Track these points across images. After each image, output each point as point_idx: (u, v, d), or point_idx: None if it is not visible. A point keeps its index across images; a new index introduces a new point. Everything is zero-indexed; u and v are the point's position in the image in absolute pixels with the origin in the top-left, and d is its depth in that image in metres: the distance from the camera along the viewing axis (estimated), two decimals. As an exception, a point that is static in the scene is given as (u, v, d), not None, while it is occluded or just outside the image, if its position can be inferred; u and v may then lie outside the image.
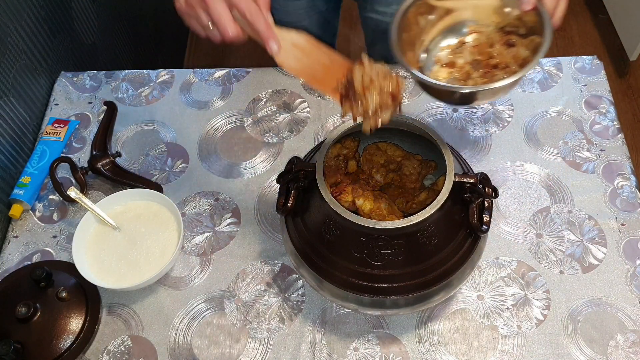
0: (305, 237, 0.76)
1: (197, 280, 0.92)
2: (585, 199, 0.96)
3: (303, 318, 0.88)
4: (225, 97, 1.13)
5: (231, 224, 0.97)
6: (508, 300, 0.87)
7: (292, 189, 0.75)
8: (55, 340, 0.83)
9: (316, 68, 0.69)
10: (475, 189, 0.71)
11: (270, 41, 0.65)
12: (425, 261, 0.72)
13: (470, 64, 0.81)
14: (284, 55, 0.67)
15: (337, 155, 0.85)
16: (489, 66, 0.79)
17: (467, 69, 0.80)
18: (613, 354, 0.82)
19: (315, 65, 0.69)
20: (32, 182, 1.00)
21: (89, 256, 0.89)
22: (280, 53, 0.66)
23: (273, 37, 0.65)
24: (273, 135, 1.07)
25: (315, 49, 0.69)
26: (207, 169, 1.03)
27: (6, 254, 0.95)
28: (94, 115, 1.11)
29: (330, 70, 0.70)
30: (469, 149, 1.03)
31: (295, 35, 0.68)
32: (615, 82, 2.12)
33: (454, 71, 0.81)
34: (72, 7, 1.26)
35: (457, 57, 0.82)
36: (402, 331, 0.86)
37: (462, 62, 0.81)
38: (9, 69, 1.02)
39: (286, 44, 0.67)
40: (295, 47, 0.68)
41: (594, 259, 0.90)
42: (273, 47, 0.65)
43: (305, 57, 0.69)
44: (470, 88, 0.74)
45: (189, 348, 0.86)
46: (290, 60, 0.68)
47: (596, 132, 1.04)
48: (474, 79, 0.79)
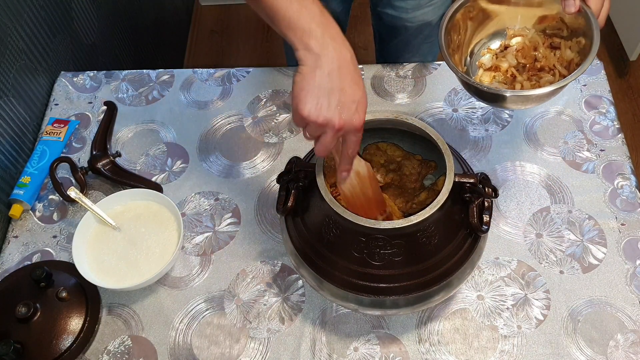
0: (305, 237, 0.75)
1: (197, 280, 0.92)
2: (585, 199, 0.96)
3: (303, 318, 0.88)
4: (225, 97, 1.13)
5: (231, 224, 0.97)
6: (508, 300, 0.87)
7: (292, 189, 0.75)
8: (55, 340, 0.83)
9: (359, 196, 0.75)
10: (475, 189, 0.71)
11: (344, 173, 0.71)
12: (425, 261, 0.72)
13: (515, 67, 0.81)
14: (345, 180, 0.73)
15: (337, 155, 0.85)
16: (535, 69, 0.79)
17: (512, 72, 0.81)
18: (613, 354, 0.82)
19: (360, 195, 0.75)
20: (32, 182, 1.00)
21: (89, 256, 0.89)
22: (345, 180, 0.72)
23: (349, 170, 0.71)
24: (273, 135, 1.07)
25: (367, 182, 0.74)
26: (207, 169, 1.03)
27: (6, 254, 0.95)
28: (94, 115, 1.11)
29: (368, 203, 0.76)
30: (469, 149, 1.03)
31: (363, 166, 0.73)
32: (615, 82, 2.12)
33: (498, 75, 0.82)
34: (72, 7, 1.26)
35: (500, 61, 0.82)
36: (402, 331, 0.86)
37: (506, 66, 0.81)
38: (9, 69, 1.02)
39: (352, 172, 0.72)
40: (357, 175, 0.73)
41: (594, 259, 0.90)
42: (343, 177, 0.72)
43: (358, 185, 0.74)
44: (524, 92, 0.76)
45: (189, 348, 0.86)
46: (346, 186, 0.73)
47: (596, 132, 1.04)
48: (520, 82, 0.79)
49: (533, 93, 0.74)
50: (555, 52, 0.80)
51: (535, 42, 0.81)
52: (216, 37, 2.35)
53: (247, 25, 2.39)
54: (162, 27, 1.90)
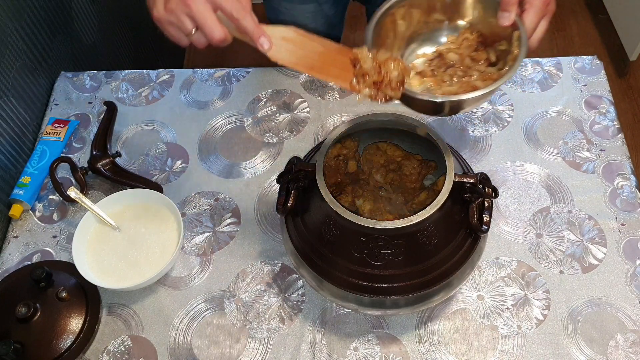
0: (305, 237, 0.76)
1: (197, 280, 0.92)
2: (585, 199, 0.96)
3: (303, 318, 0.88)
4: (225, 97, 1.13)
5: (231, 224, 0.97)
6: (508, 300, 0.87)
7: (292, 189, 0.75)
8: (55, 340, 0.83)
9: (312, 57, 0.69)
10: (475, 189, 0.71)
11: (261, 39, 0.64)
12: (425, 261, 0.72)
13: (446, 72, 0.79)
14: (276, 50, 0.66)
15: (337, 155, 0.85)
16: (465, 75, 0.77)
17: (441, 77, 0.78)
18: (613, 354, 0.82)
19: (310, 54, 0.69)
20: (32, 182, 1.00)
21: (89, 256, 0.89)
22: (272, 49, 0.66)
23: (263, 34, 0.64)
24: (273, 135, 1.07)
25: (306, 40, 0.69)
26: (207, 169, 1.03)
27: (6, 254, 0.95)
28: (94, 115, 1.11)
29: (326, 56, 0.69)
30: (469, 149, 1.03)
31: (283, 29, 0.67)
32: (615, 82, 2.12)
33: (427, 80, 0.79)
34: (72, 7, 1.26)
35: (431, 66, 0.80)
36: (402, 331, 0.86)
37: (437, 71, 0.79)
38: (9, 69, 1.02)
39: (276, 39, 0.66)
40: (286, 40, 0.67)
41: (594, 259, 0.90)
42: (264, 44, 0.65)
43: (298, 48, 0.68)
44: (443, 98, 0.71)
45: (189, 348, 0.86)
46: (284, 54, 0.67)
47: (596, 132, 1.04)
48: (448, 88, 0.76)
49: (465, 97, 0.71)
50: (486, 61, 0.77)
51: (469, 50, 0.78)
52: (216, 37, 2.35)
53: (247, 25, 2.38)
54: (162, 27, 1.90)
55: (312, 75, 0.70)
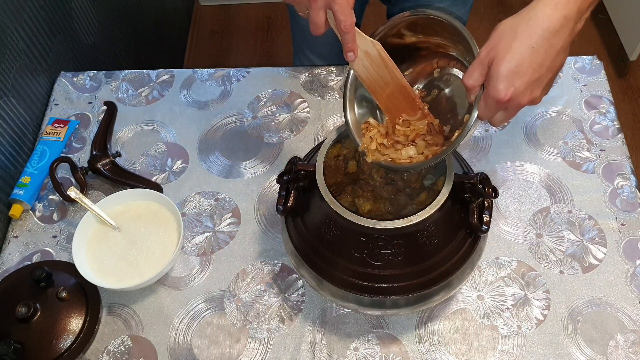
0: (305, 237, 0.76)
1: (197, 280, 0.92)
2: (585, 199, 0.96)
3: (303, 318, 0.88)
4: (225, 97, 1.13)
5: (231, 224, 0.97)
6: (508, 300, 0.87)
7: (292, 189, 0.75)
8: (55, 340, 0.83)
9: (379, 83, 0.74)
10: (475, 189, 0.71)
11: (349, 53, 0.70)
12: (425, 261, 0.72)
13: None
14: (356, 62, 0.72)
15: (337, 155, 0.85)
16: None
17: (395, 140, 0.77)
18: (613, 354, 0.82)
19: (379, 81, 0.74)
20: (32, 182, 1.00)
21: (89, 256, 0.89)
22: (355, 62, 0.71)
23: (354, 50, 0.70)
24: (273, 135, 1.07)
25: (382, 63, 0.73)
26: (207, 169, 1.03)
27: (6, 254, 0.95)
28: (94, 115, 1.11)
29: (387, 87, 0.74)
30: (469, 149, 1.03)
31: (370, 43, 0.71)
32: (615, 82, 2.12)
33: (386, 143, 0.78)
34: (72, 7, 1.26)
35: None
36: (402, 331, 0.86)
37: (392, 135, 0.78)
38: (9, 69, 1.02)
39: (360, 52, 0.71)
40: (368, 56, 0.72)
41: (594, 259, 0.90)
42: (350, 57, 0.70)
43: (372, 68, 0.73)
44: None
45: (189, 348, 0.86)
46: (360, 68, 0.72)
47: (596, 132, 1.04)
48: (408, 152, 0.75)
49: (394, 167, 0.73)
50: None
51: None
52: (216, 37, 2.35)
53: (247, 25, 2.39)
54: (162, 27, 1.90)
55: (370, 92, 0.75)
